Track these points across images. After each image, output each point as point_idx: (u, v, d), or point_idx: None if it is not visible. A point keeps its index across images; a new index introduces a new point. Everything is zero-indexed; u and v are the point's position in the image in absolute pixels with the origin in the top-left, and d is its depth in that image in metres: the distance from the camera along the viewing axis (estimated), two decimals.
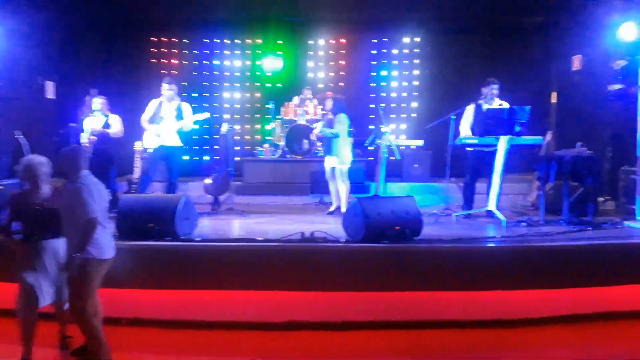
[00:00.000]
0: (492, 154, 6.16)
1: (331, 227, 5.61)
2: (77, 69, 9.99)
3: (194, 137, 9.79)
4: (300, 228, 5.57)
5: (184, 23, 10.60)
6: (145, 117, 6.71)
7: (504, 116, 5.90)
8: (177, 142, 6.72)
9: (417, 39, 10.56)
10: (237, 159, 9.18)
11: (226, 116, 10.61)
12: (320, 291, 4.48)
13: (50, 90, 9.53)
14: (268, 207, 7.77)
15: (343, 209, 6.49)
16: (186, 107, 6.79)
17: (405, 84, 10.62)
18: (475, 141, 6.20)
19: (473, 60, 9.94)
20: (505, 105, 6.36)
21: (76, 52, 10.08)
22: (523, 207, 7.55)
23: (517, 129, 5.89)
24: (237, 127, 10.65)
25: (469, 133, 6.49)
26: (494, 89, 6.44)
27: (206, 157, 10.38)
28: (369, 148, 8.27)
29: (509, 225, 5.80)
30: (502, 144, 5.91)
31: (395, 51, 10.67)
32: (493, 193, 6.05)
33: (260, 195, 8.36)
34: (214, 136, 10.01)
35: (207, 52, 10.81)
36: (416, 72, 10.57)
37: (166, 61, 10.78)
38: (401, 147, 7.34)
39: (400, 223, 4.75)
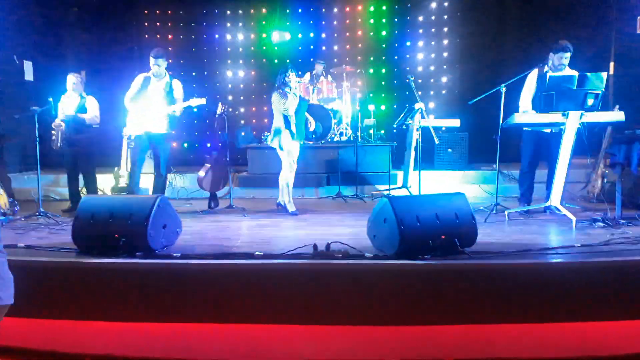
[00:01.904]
0: (555, 134, 4.90)
1: (352, 232, 4.43)
2: (60, 48, 8.91)
3: (189, 121, 8.74)
4: (312, 234, 4.45)
5: None
6: (129, 95, 5.56)
7: (573, 85, 4.60)
8: (165, 128, 5.56)
9: (445, 3, 9.21)
10: (241, 146, 8.10)
11: (229, 97, 9.44)
12: (338, 325, 3.32)
13: (28, 70, 8.45)
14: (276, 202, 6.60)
15: (292, 207, 5.48)
16: (177, 86, 5.64)
17: (432, 55, 9.29)
18: (531, 119, 4.89)
19: (512, 25, 8.58)
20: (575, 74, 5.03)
21: (59, 28, 8.99)
22: (583, 199, 6.27)
23: (590, 102, 4.59)
24: (241, 109, 9.49)
25: (529, 107, 5.18)
26: (565, 57, 5.07)
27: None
28: (395, 130, 7.06)
29: (580, 226, 4.54)
30: (572, 121, 4.61)
31: (420, 18, 9.34)
32: (558, 185, 4.77)
33: (267, 188, 7.19)
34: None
35: (207, 25, 9.58)
36: (445, 41, 9.23)
37: (160, 36, 9.61)
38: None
39: (447, 231, 3.53)
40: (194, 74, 9.45)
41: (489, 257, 3.53)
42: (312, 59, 8.67)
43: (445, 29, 9.22)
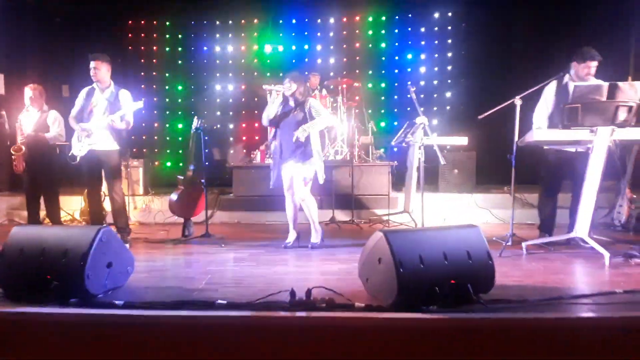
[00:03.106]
0: (581, 154, 4.23)
1: (344, 270, 3.72)
2: (37, 60, 8.30)
3: (173, 137, 8.09)
4: (295, 272, 3.76)
5: (165, 1, 8.81)
6: (72, 112, 4.91)
7: (602, 97, 3.92)
8: (109, 144, 4.84)
9: (449, 14, 8.62)
10: (228, 165, 7.44)
11: (218, 113, 8.81)
12: None
13: None
14: (261, 230, 5.93)
15: (317, 238, 4.68)
16: (124, 96, 4.88)
17: (436, 69, 8.69)
18: (551, 137, 4.19)
19: (521, 35, 7.98)
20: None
21: (36, 40, 8.39)
22: (606, 226, 5.59)
23: (623, 116, 3.91)
24: (230, 125, 8.85)
25: (545, 124, 4.53)
26: (592, 66, 4.43)
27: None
28: (395, 148, 6.39)
29: (615, 263, 3.82)
30: (601, 138, 3.92)
31: (422, 29, 8.75)
32: (584, 212, 4.06)
33: (254, 212, 6.54)
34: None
35: (195, 36, 9.00)
36: (449, 54, 8.63)
37: (145, 48, 9.02)
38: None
39: (458, 274, 2.81)
40: (179, 87, 8.86)
41: (511, 309, 2.80)
42: (306, 72, 8.05)
43: (449, 41, 8.63)
